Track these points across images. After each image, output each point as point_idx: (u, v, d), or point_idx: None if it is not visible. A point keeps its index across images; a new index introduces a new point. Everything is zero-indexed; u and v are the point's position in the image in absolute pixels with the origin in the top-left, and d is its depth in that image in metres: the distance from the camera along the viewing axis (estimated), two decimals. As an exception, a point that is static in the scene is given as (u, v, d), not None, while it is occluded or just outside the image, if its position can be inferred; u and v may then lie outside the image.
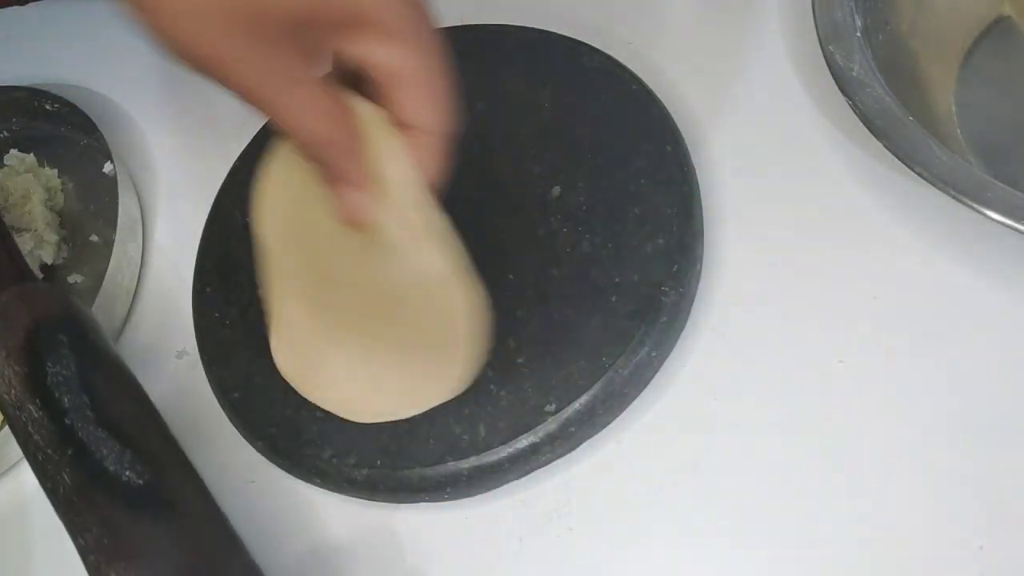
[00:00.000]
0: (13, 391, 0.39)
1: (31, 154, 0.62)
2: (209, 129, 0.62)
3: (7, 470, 0.52)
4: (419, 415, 0.44)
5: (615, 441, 0.44)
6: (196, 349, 0.51)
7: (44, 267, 0.57)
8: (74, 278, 0.57)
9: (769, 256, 0.46)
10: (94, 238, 0.59)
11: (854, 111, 0.42)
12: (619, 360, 0.42)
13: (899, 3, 0.46)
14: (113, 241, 0.53)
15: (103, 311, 0.52)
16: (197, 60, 0.34)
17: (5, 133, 0.64)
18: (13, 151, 0.62)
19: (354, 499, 0.45)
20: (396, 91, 0.35)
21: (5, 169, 0.61)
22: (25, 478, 0.53)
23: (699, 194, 0.47)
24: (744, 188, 0.48)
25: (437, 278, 0.41)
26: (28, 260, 0.56)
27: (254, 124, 0.57)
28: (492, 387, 0.44)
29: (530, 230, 0.48)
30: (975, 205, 0.37)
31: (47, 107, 0.61)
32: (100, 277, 0.52)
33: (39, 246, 0.57)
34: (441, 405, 0.44)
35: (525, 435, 0.42)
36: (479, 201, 0.49)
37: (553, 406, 0.42)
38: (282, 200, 0.49)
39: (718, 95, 0.50)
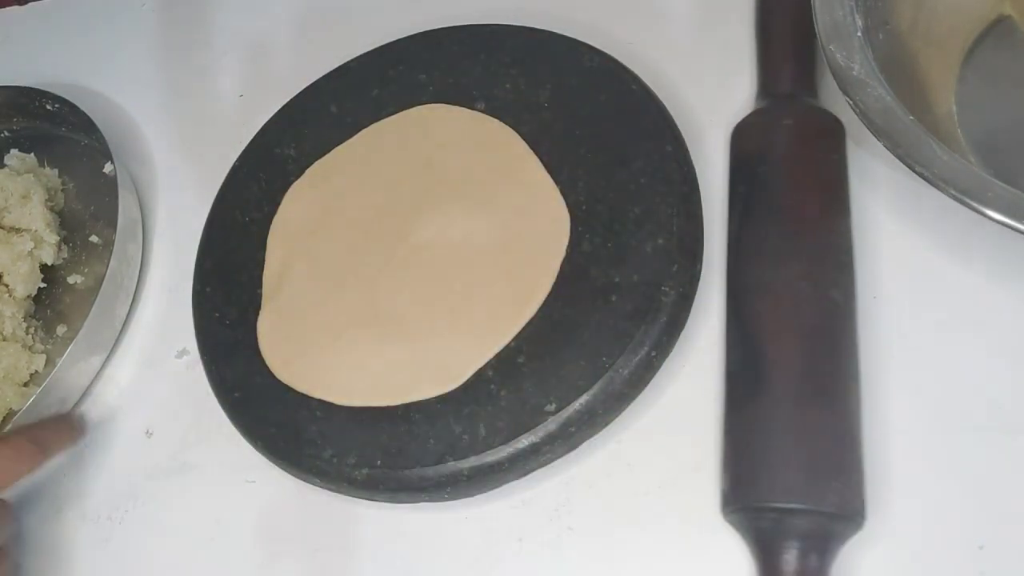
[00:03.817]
0: None
1: (31, 154, 0.62)
2: (209, 129, 0.62)
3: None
4: (419, 415, 0.44)
5: (615, 441, 0.44)
6: (196, 349, 0.51)
7: (44, 268, 0.57)
8: (74, 279, 0.57)
9: (769, 256, 0.46)
10: (94, 239, 0.59)
11: (854, 110, 0.42)
12: (619, 360, 0.42)
13: (899, 3, 0.46)
14: (113, 241, 0.53)
15: (103, 311, 0.52)
16: None
17: (6, 133, 0.64)
18: (14, 151, 0.62)
19: (354, 499, 0.45)
20: None
21: (5, 170, 0.60)
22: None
23: (699, 194, 0.47)
24: (744, 188, 0.48)
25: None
26: (28, 261, 0.56)
27: (254, 124, 0.57)
28: (492, 387, 0.44)
29: (530, 230, 0.48)
30: (976, 204, 0.37)
31: (48, 107, 0.61)
32: (100, 278, 0.52)
33: (39, 247, 0.57)
34: (441, 404, 0.44)
35: (525, 435, 0.42)
36: (479, 201, 0.49)
37: (553, 406, 0.42)
38: (302, 216, 0.50)
39: (718, 95, 0.50)
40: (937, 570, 0.38)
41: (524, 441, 0.42)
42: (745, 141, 0.47)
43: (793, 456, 0.38)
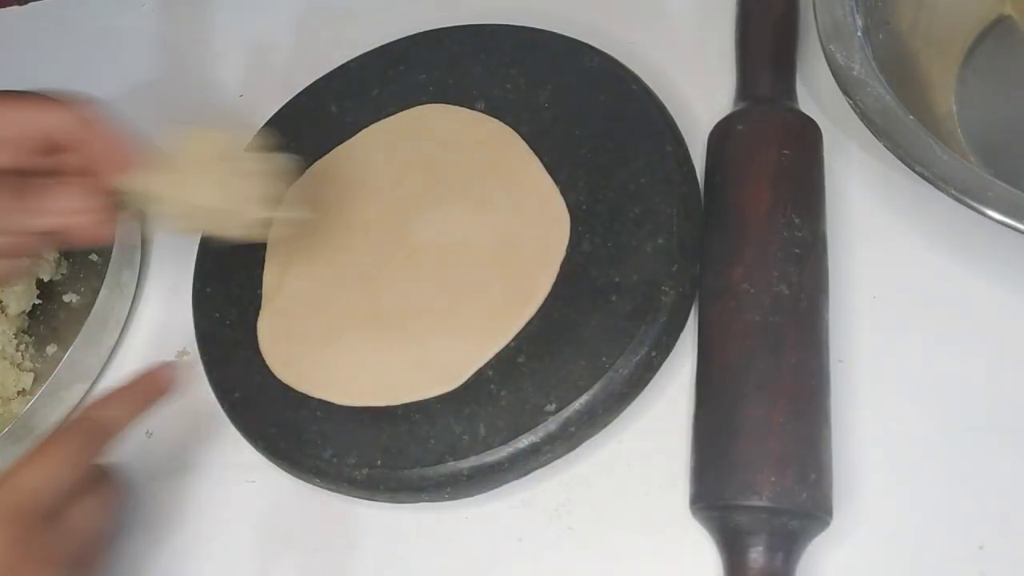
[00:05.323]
0: None
1: None
2: (209, 129, 0.61)
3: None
4: (419, 415, 0.44)
5: (615, 441, 0.44)
6: (196, 349, 0.51)
7: (41, 283, 0.57)
8: (69, 297, 0.57)
9: (769, 256, 0.46)
10: (94, 256, 0.58)
11: (855, 110, 0.42)
12: (619, 360, 0.42)
13: (899, 3, 0.46)
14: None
15: (89, 340, 0.52)
16: None
17: None
18: None
19: (354, 499, 0.45)
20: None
21: None
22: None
23: (699, 194, 0.47)
24: (744, 188, 0.48)
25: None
26: (23, 278, 0.55)
27: (255, 124, 0.57)
28: (492, 387, 0.44)
29: (530, 230, 0.48)
30: (976, 204, 0.37)
31: None
32: (95, 298, 0.52)
33: (35, 262, 0.56)
34: (441, 404, 0.44)
35: (525, 435, 0.42)
36: (479, 201, 0.49)
37: (553, 406, 0.42)
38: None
39: (718, 95, 0.50)
40: (937, 570, 0.38)
41: (524, 441, 0.42)
42: (713, 145, 0.47)
43: (757, 455, 0.38)
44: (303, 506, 0.47)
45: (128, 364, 0.54)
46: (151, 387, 0.46)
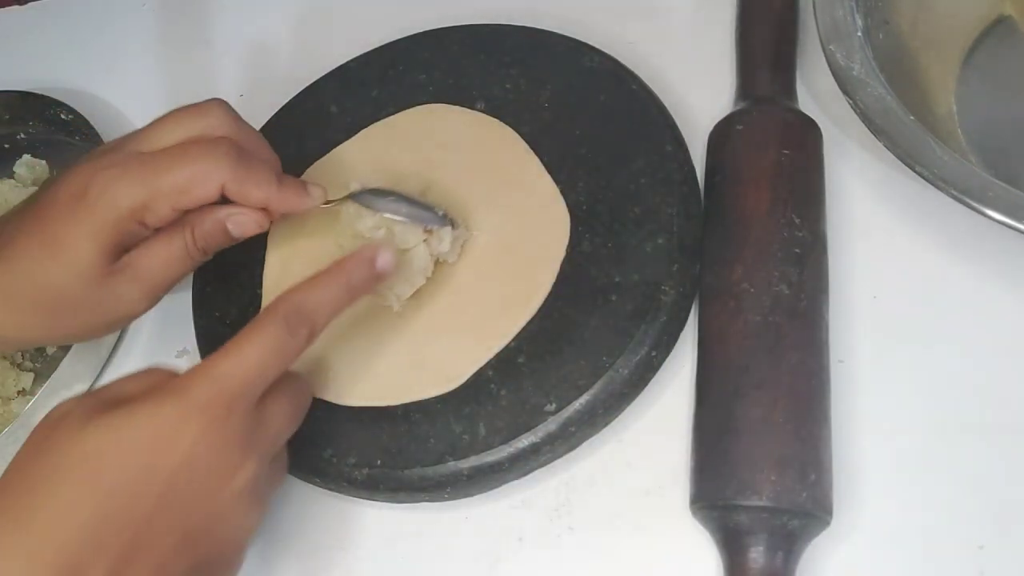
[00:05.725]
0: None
1: (43, 161, 0.61)
2: (209, 129, 0.61)
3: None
4: (419, 415, 0.44)
5: (615, 441, 0.44)
6: (196, 349, 0.51)
7: None
8: None
9: (769, 256, 0.46)
10: None
11: (855, 110, 0.42)
12: (619, 360, 0.42)
13: (900, 3, 0.46)
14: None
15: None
16: None
17: (21, 136, 0.64)
18: (27, 156, 0.61)
19: (354, 499, 0.45)
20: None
21: (10, 181, 0.60)
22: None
23: (699, 194, 0.47)
24: (744, 188, 0.48)
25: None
26: None
27: (255, 124, 0.56)
28: (492, 386, 0.44)
29: (530, 230, 0.48)
30: (976, 204, 0.37)
31: (62, 116, 0.60)
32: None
33: None
34: (441, 404, 0.44)
35: (525, 435, 0.42)
36: (479, 201, 0.49)
37: (553, 406, 0.42)
38: (302, 216, 0.50)
39: (718, 95, 0.50)
40: (936, 570, 0.38)
41: (524, 441, 0.42)
42: (713, 145, 0.48)
43: (757, 455, 0.38)
44: (303, 506, 0.47)
45: (128, 364, 0.54)
46: (366, 268, 0.42)
